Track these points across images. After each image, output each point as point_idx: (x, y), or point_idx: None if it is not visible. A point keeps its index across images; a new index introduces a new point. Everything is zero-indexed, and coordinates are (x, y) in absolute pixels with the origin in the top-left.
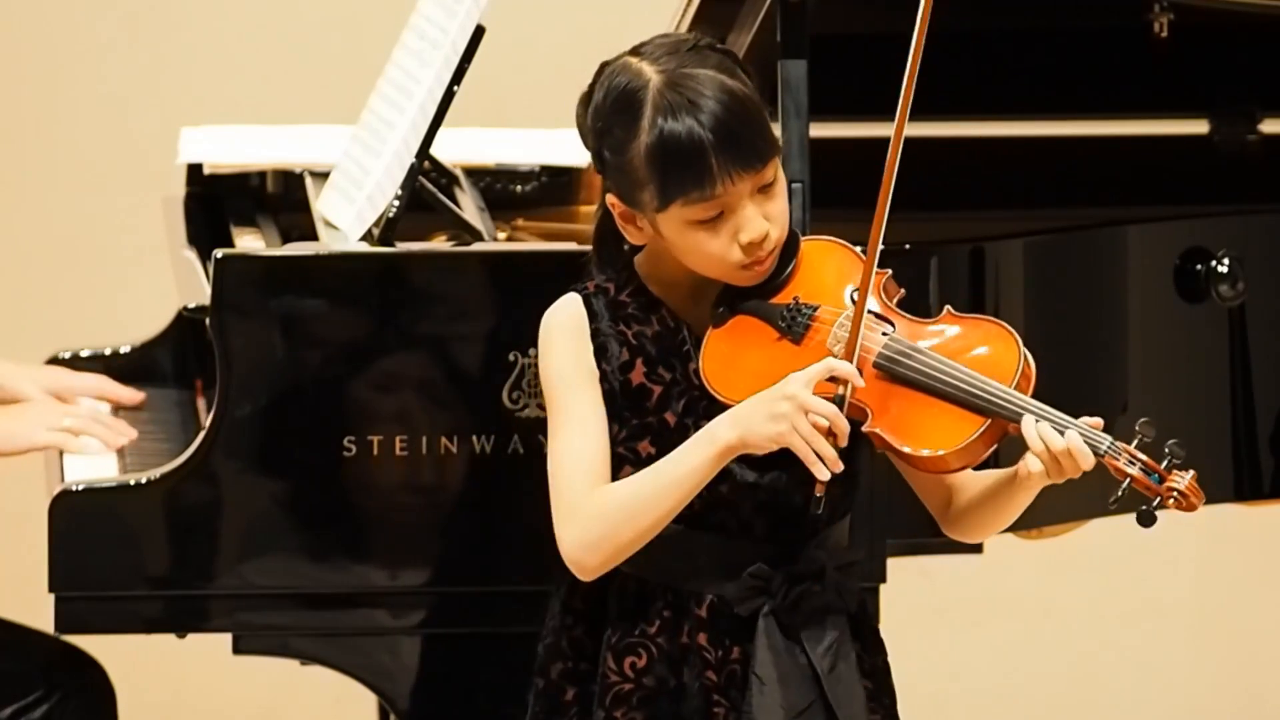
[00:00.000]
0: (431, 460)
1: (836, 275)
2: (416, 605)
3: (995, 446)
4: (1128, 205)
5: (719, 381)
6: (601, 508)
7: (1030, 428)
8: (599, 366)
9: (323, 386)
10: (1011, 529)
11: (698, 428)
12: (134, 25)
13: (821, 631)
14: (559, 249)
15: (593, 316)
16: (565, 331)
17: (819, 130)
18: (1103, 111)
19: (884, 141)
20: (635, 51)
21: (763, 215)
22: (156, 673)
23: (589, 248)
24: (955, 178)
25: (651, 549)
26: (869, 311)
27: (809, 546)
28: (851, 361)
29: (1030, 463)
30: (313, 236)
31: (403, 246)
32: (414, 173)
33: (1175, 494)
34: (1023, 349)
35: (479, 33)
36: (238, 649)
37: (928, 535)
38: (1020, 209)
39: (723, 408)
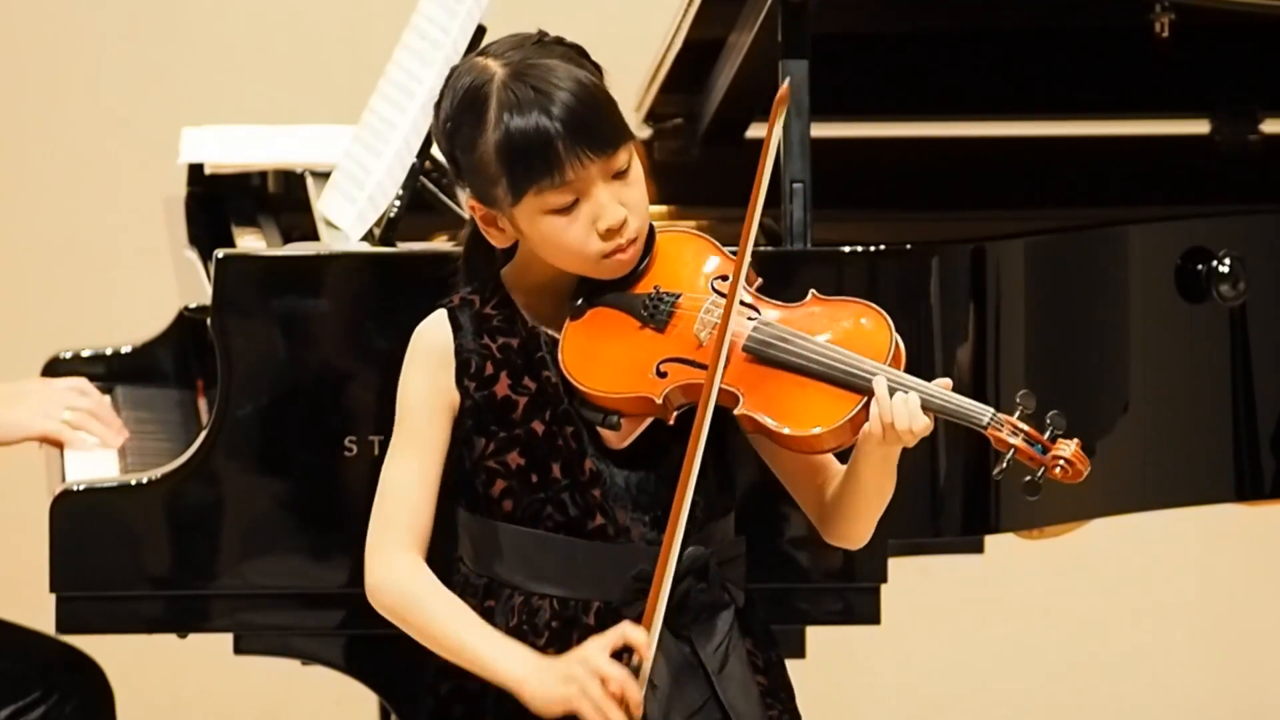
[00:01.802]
0: None
1: (694, 265)
2: None
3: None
4: (1129, 205)
5: (577, 371)
6: (409, 594)
7: (877, 394)
8: (461, 384)
9: (324, 386)
10: (1012, 529)
11: (564, 434)
12: (135, 25)
13: (710, 629)
14: None
15: (457, 331)
16: (427, 356)
17: (820, 130)
18: (1104, 111)
19: (884, 142)
20: (482, 52)
21: (619, 202)
22: (157, 673)
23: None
24: (956, 178)
25: (533, 558)
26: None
27: (689, 544)
28: (722, 348)
29: (869, 430)
30: (314, 236)
31: (404, 246)
32: (415, 173)
33: (1061, 462)
34: (893, 328)
35: (480, 32)
36: (239, 649)
37: (929, 535)
38: (1021, 209)
39: (583, 403)
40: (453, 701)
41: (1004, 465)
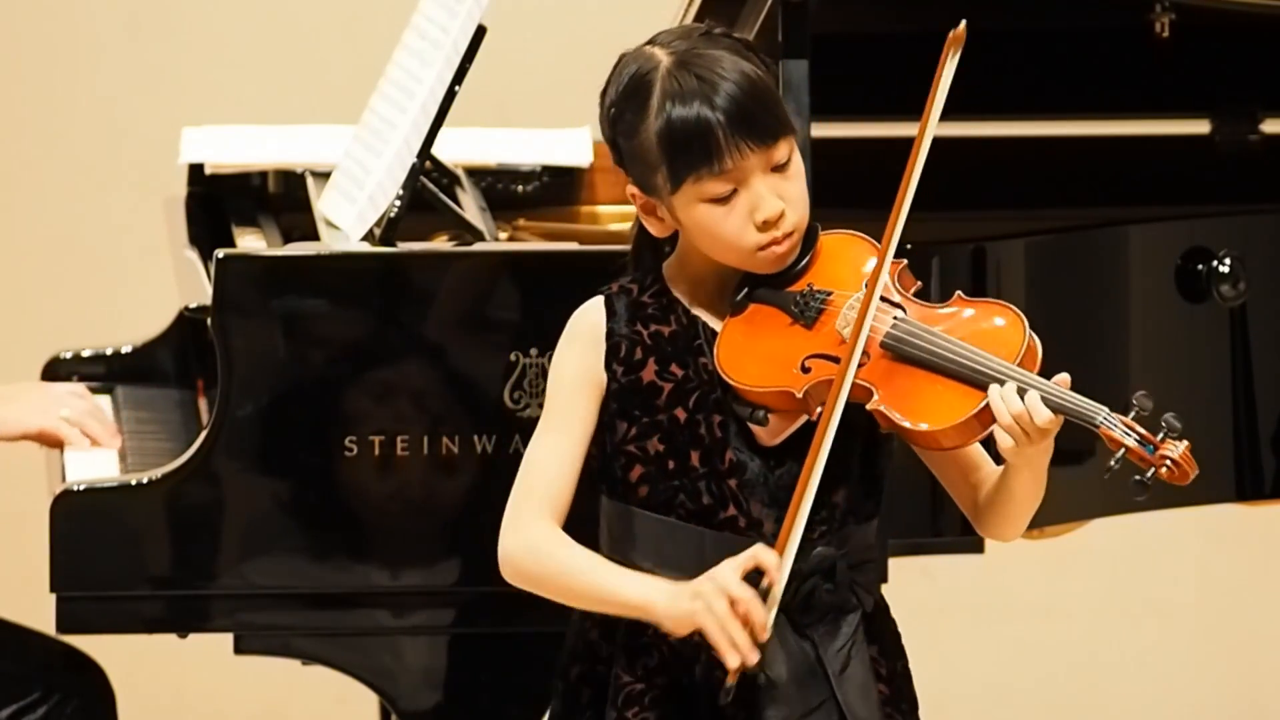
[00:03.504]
0: (433, 460)
1: (854, 265)
2: (417, 605)
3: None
4: (1129, 205)
5: (729, 365)
6: (542, 551)
7: (994, 392)
8: (610, 368)
9: (324, 386)
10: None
11: (708, 423)
12: (135, 25)
13: (834, 630)
14: (560, 249)
15: (611, 316)
16: (579, 338)
17: (820, 130)
18: (1104, 111)
19: (884, 142)
20: (650, 41)
21: (777, 195)
22: (158, 673)
23: (591, 248)
24: (957, 178)
25: (663, 545)
26: (881, 298)
27: (821, 543)
28: (859, 341)
29: (999, 435)
30: (314, 236)
31: (404, 246)
32: (415, 173)
33: (1169, 463)
34: (1028, 328)
35: (480, 32)
36: (239, 649)
37: (929, 535)
38: (1022, 209)
39: (735, 398)
40: (581, 686)
41: (1113, 465)
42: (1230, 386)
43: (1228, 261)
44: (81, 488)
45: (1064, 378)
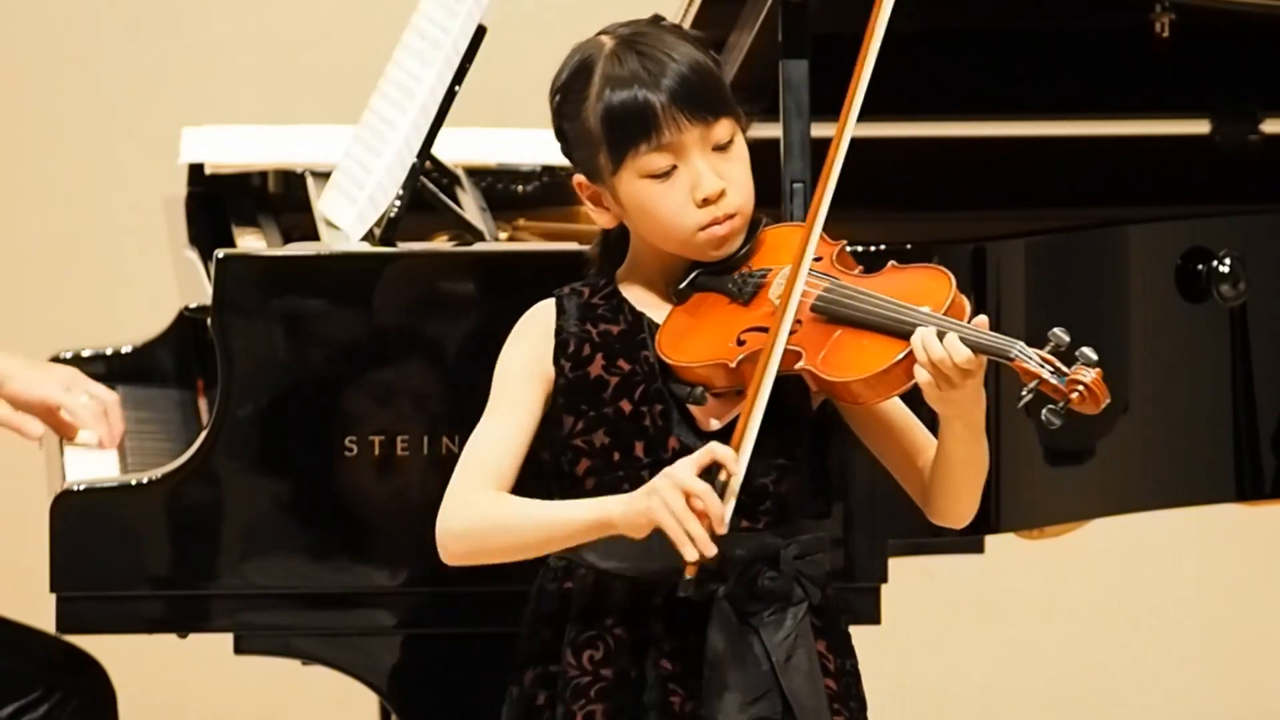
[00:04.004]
0: (433, 460)
1: (794, 250)
2: (418, 605)
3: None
4: (1129, 205)
5: (668, 347)
6: (486, 507)
7: (916, 337)
8: (558, 363)
9: (324, 386)
10: (1013, 529)
11: (652, 413)
12: (135, 26)
13: (780, 620)
14: (560, 249)
15: (561, 314)
16: (529, 334)
17: (820, 130)
18: (1104, 111)
19: (884, 142)
20: (600, 32)
21: (718, 174)
22: (158, 673)
23: (589, 248)
24: (956, 178)
25: (611, 537)
26: (814, 270)
27: (766, 531)
28: (790, 302)
29: (918, 374)
30: (314, 236)
31: (404, 246)
32: (415, 172)
33: (1080, 388)
34: (954, 285)
35: (480, 32)
36: (239, 649)
37: (929, 535)
38: (1021, 209)
39: (674, 379)
40: (538, 688)
41: (1025, 395)
42: (1230, 386)
43: (1228, 261)
44: (81, 488)
45: (982, 319)
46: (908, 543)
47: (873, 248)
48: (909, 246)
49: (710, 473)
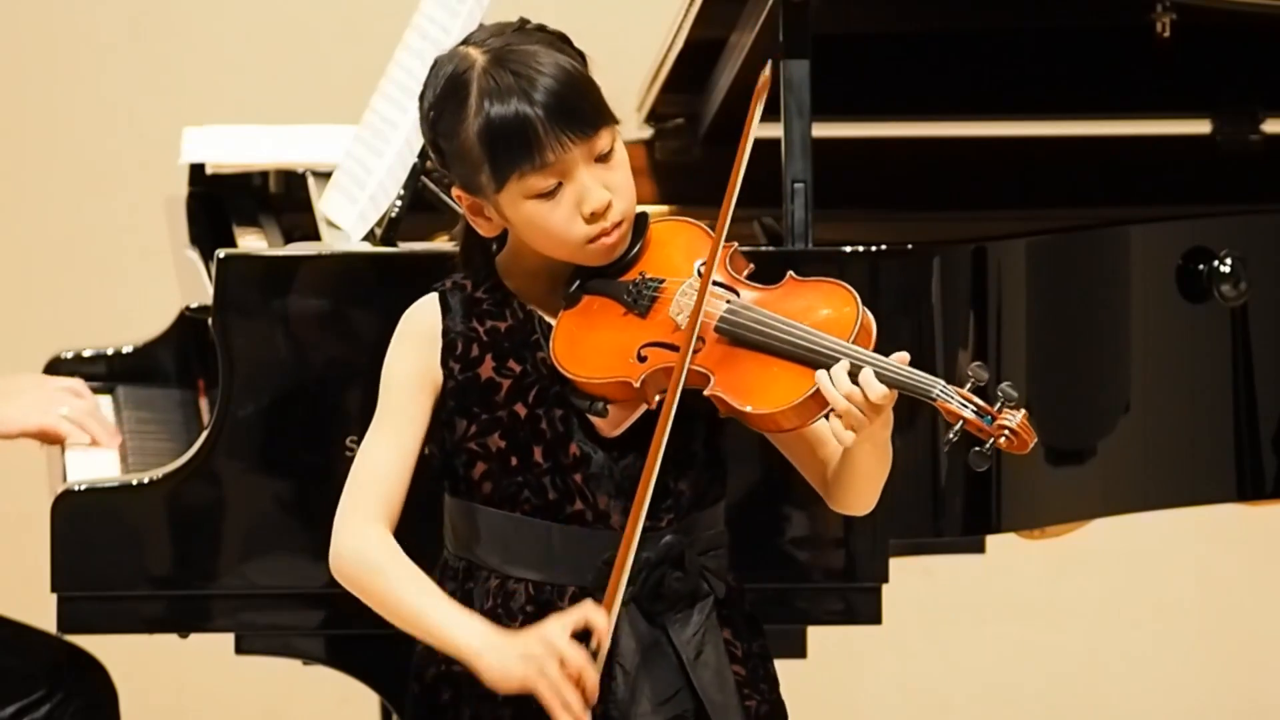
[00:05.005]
0: (432, 460)
1: (685, 252)
2: None
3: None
4: (1130, 205)
5: (565, 358)
6: (371, 563)
7: (822, 375)
8: (446, 365)
9: (325, 386)
10: (1013, 529)
11: (550, 418)
12: (136, 25)
13: (686, 618)
14: None
15: (446, 313)
16: (414, 336)
17: (820, 130)
18: (1105, 111)
19: (884, 142)
20: (464, 41)
21: (603, 185)
22: (159, 673)
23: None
24: (957, 178)
25: (510, 542)
26: (714, 282)
27: (669, 531)
28: (694, 329)
29: (832, 418)
30: (315, 236)
31: (405, 246)
32: (417, 172)
33: (1007, 432)
34: (861, 305)
35: None
36: (240, 649)
37: (929, 535)
38: (1022, 209)
39: (574, 390)
40: (440, 685)
41: (951, 438)
42: (1230, 386)
43: (1229, 261)
44: (82, 488)
45: (903, 355)
46: (908, 543)
47: (874, 248)
48: (910, 246)
49: (581, 635)
